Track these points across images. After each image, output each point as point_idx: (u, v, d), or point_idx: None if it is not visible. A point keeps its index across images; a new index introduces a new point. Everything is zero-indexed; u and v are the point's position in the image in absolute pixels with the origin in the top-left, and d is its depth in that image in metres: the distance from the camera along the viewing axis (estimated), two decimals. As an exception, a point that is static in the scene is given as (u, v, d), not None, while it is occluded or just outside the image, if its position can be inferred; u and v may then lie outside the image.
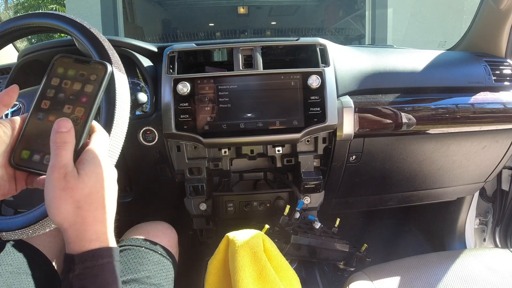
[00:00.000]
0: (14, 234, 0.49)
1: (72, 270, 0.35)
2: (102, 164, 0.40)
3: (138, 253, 0.68)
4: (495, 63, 0.91)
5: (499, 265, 0.73)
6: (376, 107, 0.81)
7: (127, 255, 0.67)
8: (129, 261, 0.66)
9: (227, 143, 0.79)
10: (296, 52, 0.88)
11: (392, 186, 1.00)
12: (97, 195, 0.39)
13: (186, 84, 0.74)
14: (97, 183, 0.39)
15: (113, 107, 0.51)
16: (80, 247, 0.37)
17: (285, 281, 0.65)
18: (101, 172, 0.39)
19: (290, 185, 0.89)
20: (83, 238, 0.37)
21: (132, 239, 0.72)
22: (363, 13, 2.50)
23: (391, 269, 0.73)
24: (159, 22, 2.58)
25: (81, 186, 0.37)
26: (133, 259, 0.66)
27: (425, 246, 1.33)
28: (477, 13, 0.99)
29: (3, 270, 0.63)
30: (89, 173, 0.38)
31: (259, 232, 0.67)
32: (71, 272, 0.35)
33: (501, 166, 1.00)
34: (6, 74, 0.89)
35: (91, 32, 0.55)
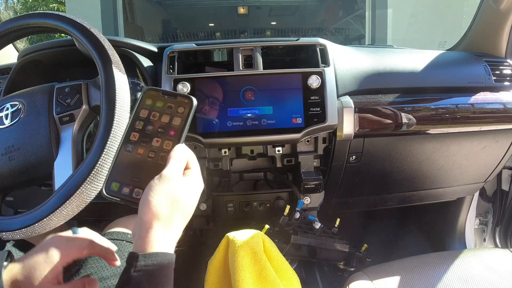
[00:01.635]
0: (14, 234, 0.49)
1: (134, 266, 0.37)
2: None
3: (118, 246, 0.68)
4: (495, 63, 0.91)
5: (499, 265, 0.73)
6: (376, 107, 0.81)
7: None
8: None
9: (227, 143, 0.79)
10: (296, 52, 0.88)
11: (392, 186, 1.00)
12: (183, 206, 0.42)
13: (186, 84, 0.74)
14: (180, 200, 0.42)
15: (113, 107, 0.51)
16: (147, 247, 0.39)
17: (285, 281, 0.65)
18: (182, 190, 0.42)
19: (290, 185, 0.89)
20: (154, 240, 0.39)
21: (112, 233, 0.72)
22: (363, 13, 2.49)
23: (391, 269, 0.73)
24: (159, 22, 2.58)
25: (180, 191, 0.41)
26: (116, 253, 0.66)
27: (425, 246, 1.32)
28: (477, 13, 0.99)
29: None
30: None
31: (259, 232, 0.67)
32: (133, 268, 0.37)
33: (501, 166, 1.00)
34: (6, 74, 0.89)
35: (91, 32, 0.55)
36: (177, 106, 0.45)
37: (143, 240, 0.39)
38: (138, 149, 0.44)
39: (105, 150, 0.49)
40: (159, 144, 0.44)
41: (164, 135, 0.44)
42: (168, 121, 0.45)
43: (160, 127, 0.44)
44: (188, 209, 0.43)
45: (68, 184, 0.48)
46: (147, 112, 0.45)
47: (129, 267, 0.37)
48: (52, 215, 0.47)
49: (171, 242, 0.41)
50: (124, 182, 0.43)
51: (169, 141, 0.44)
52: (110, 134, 0.50)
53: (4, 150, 0.56)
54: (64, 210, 0.47)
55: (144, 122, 0.45)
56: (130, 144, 0.44)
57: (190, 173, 0.44)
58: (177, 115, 0.45)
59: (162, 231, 0.40)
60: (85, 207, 0.51)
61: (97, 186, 0.49)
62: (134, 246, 0.40)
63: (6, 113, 0.59)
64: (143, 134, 0.44)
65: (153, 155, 0.44)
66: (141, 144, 0.44)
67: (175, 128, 0.44)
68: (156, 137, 0.44)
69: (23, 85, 0.69)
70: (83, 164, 0.49)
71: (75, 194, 0.47)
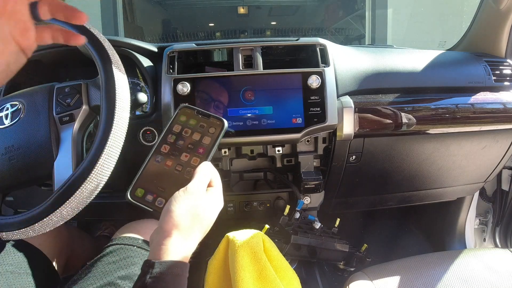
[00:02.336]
0: (14, 234, 0.49)
1: (150, 273, 0.38)
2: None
3: (128, 252, 0.68)
4: (495, 63, 0.91)
5: (499, 265, 0.73)
6: (376, 107, 0.81)
7: (119, 254, 0.67)
8: (121, 260, 0.66)
9: (227, 143, 0.79)
10: (296, 52, 0.88)
11: (392, 186, 1.00)
12: (203, 221, 0.44)
13: (186, 84, 0.74)
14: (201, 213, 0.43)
15: (113, 107, 0.51)
16: (164, 255, 0.39)
17: (285, 281, 0.65)
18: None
19: (290, 185, 0.89)
20: (171, 249, 0.40)
21: (124, 238, 0.72)
22: (363, 13, 2.49)
23: (391, 269, 0.73)
24: (159, 22, 2.58)
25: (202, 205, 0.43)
26: (124, 259, 0.66)
27: (425, 246, 1.32)
28: (477, 13, 0.99)
29: (4, 270, 0.63)
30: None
31: (259, 232, 0.67)
32: (148, 274, 0.38)
33: (501, 166, 1.00)
34: (6, 74, 0.89)
35: (91, 32, 0.55)
36: (209, 126, 0.48)
37: (161, 248, 0.40)
38: (167, 161, 0.46)
39: (105, 150, 0.49)
40: (187, 159, 0.46)
41: (193, 151, 0.47)
42: (199, 139, 0.48)
43: (190, 144, 0.47)
44: (206, 224, 0.45)
45: (68, 184, 0.48)
46: (180, 127, 0.48)
47: (145, 274, 0.38)
48: (52, 215, 0.47)
49: (187, 253, 0.42)
50: (149, 190, 0.45)
51: (197, 157, 0.47)
52: (110, 134, 0.50)
53: (4, 150, 0.56)
54: (64, 210, 0.48)
55: (176, 136, 0.48)
56: (160, 155, 0.47)
57: (213, 191, 0.46)
58: (207, 134, 0.48)
59: (180, 241, 0.41)
60: (85, 207, 0.51)
61: (97, 186, 0.49)
62: (150, 253, 0.41)
63: (6, 113, 0.59)
64: (174, 148, 0.47)
65: (180, 168, 0.46)
66: (170, 157, 0.46)
67: (204, 147, 0.47)
68: (185, 152, 0.47)
69: (23, 85, 0.69)
70: (83, 164, 0.49)
71: (75, 194, 0.47)
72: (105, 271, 0.63)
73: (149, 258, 0.40)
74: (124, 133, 0.53)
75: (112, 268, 0.64)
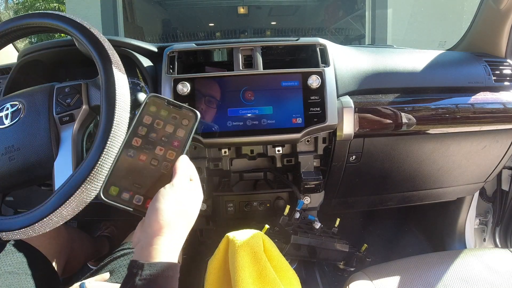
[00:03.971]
0: (14, 234, 0.49)
1: (139, 275, 0.37)
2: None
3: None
4: (495, 63, 0.91)
5: (499, 265, 0.73)
6: (376, 107, 0.81)
7: (130, 258, 0.67)
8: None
9: (227, 143, 0.79)
10: (296, 52, 0.88)
11: (392, 186, 1.00)
12: (188, 215, 0.43)
13: (186, 84, 0.74)
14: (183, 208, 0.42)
15: (113, 107, 0.51)
16: (153, 255, 0.38)
17: (285, 281, 0.65)
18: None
19: (290, 185, 0.88)
20: (161, 249, 0.39)
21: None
22: (363, 13, 2.49)
23: (391, 269, 0.73)
24: (159, 22, 2.58)
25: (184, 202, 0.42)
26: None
27: (425, 246, 1.33)
28: (477, 13, 0.99)
29: (3, 271, 0.63)
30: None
31: (259, 232, 0.67)
32: (137, 276, 0.37)
33: (501, 166, 1.00)
34: (6, 74, 0.89)
35: (91, 32, 0.55)
36: (182, 118, 0.46)
37: (152, 248, 0.39)
38: (140, 155, 0.44)
39: (105, 150, 0.49)
40: (162, 152, 0.44)
41: (168, 144, 0.44)
42: (172, 132, 0.45)
43: (164, 136, 0.45)
44: (192, 219, 0.44)
45: (68, 184, 0.48)
46: (150, 119, 0.46)
47: (134, 276, 0.37)
48: (52, 215, 0.47)
49: (176, 251, 0.41)
50: (124, 187, 0.42)
51: (173, 151, 0.44)
52: (110, 134, 0.50)
53: (4, 150, 0.56)
54: (64, 210, 0.47)
55: (148, 128, 0.45)
56: (132, 149, 0.44)
57: (194, 184, 0.45)
58: (181, 127, 0.45)
59: (169, 240, 0.40)
60: (85, 207, 0.51)
61: (97, 186, 0.49)
62: (137, 253, 0.40)
63: (6, 113, 0.59)
64: (146, 141, 0.44)
65: (155, 163, 0.44)
66: (144, 151, 0.44)
67: (179, 139, 0.45)
68: (159, 146, 0.44)
69: (23, 85, 0.69)
70: (83, 164, 0.49)
71: (75, 194, 0.47)
72: (118, 273, 0.63)
73: (136, 258, 0.39)
74: (124, 133, 0.53)
75: (125, 271, 0.64)
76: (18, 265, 0.65)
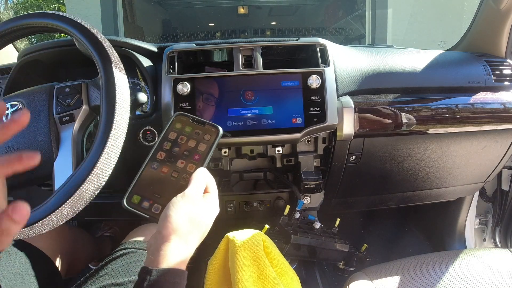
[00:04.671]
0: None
1: (147, 281, 0.38)
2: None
3: (140, 256, 0.68)
4: (495, 63, 0.91)
5: (499, 265, 0.73)
6: (376, 107, 0.81)
7: (129, 258, 0.67)
8: (131, 263, 0.66)
9: (227, 143, 0.79)
10: (296, 52, 0.88)
11: (392, 186, 1.00)
12: (200, 226, 0.44)
13: (186, 84, 0.74)
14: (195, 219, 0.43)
15: (113, 107, 0.51)
16: (162, 261, 0.39)
17: (285, 281, 0.65)
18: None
19: (290, 185, 0.88)
20: (168, 255, 0.40)
21: (134, 242, 0.72)
22: (363, 13, 2.50)
23: (391, 269, 0.73)
24: (159, 22, 2.58)
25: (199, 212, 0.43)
26: (135, 262, 0.66)
27: (425, 246, 1.33)
28: (477, 13, 0.99)
29: (7, 272, 0.63)
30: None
31: (259, 232, 0.67)
32: (146, 282, 0.38)
33: (501, 166, 1.00)
34: (6, 74, 0.89)
35: (91, 32, 0.55)
36: (204, 133, 0.49)
37: (159, 253, 0.39)
38: (163, 167, 0.47)
39: (105, 150, 0.49)
40: (183, 165, 0.47)
41: (189, 158, 0.47)
42: (194, 146, 0.48)
43: (186, 150, 0.48)
44: (203, 230, 0.45)
45: (68, 184, 0.48)
46: (175, 134, 0.49)
47: (142, 281, 0.38)
48: (52, 215, 0.47)
49: (185, 259, 0.42)
50: (145, 197, 0.45)
51: (193, 164, 0.47)
52: (110, 134, 0.50)
53: (4, 150, 0.56)
54: (64, 210, 0.47)
55: (172, 143, 0.48)
56: (156, 162, 0.47)
57: (209, 196, 0.46)
58: (203, 141, 0.48)
59: (178, 247, 0.41)
60: (85, 207, 0.51)
61: (97, 186, 0.49)
62: (148, 259, 0.41)
63: (6, 113, 0.59)
64: (169, 155, 0.47)
65: (176, 175, 0.46)
66: (166, 164, 0.47)
67: (200, 153, 0.48)
68: (181, 159, 0.47)
69: (23, 85, 0.69)
70: (83, 164, 0.49)
71: (75, 194, 0.47)
72: (118, 273, 0.63)
73: (146, 264, 0.40)
74: (124, 133, 0.53)
75: (124, 271, 0.64)
76: (22, 266, 0.65)
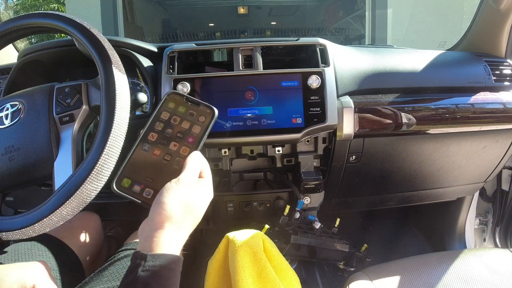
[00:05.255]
0: (14, 234, 0.49)
1: (142, 266, 0.37)
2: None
3: None
4: (495, 63, 0.91)
5: (499, 265, 0.73)
6: (376, 107, 0.81)
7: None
8: None
9: (227, 143, 0.79)
10: (296, 52, 0.88)
11: (392, 186, 1.00)
12: (194, 212, 0.43)
13: (186, 84, 0.74)
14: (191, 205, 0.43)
15: (113, 107, 0.51)
16: (156, 248, 0.38)
17: (285, 281, 0.65)
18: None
19: (290, 185, 0.88)
20: (162, 242, 0.39)
21: (136, 243, 0.72)
22: (363, 13, 2.50)
23: (391, 269, 0.73)
24: (159, 22, 2.58)
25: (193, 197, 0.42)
26: None
27: (425, 246, 1.32)
28: (477, 13, 0.99)
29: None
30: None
31: (259, 232, 0.67)
32: (140, 267, 0.37)
33: (501, 166, 1.00)
34: (6, 74, 0.89)
35: (91, 32, 0.55)
36: (199, 115, 0.46)
37: (152, 240, 0.39)
38: (155, 149, 0.44)
39: (105, 150, 0.49)
40: (176, 148, 0.44)
41: (182, 140, 0.45)
42: (188, 128, 0.46)
43: (179, 132, 0.45)
44: (197, 216, 0.44)
45: (68, 184, 0.48)
46: (168, 115, 0.46)
47: (136, 267, 0.37)
48: (52, 215, 0.47)
49: (179, 245, 0.41)
50: (136, 180, 0.43)
51: (187, 147, 0.45)
52: (110, 134, 0.50)
53: (4, 150, 0.56)
54: (64, 210, 0.47)
55: (164, 124, 0.46)
56: (147, 144, 0.44)
57: (204, 182, 0.45)
58: (197, 123, 0.46)
59: (172, 233, 0.40)
60: (85, 207, 0.51)
61: (97, 186, 0.49)
62: (140, 245, 0.40)
63: (6, 113, 0.59)
64: (162, 136, 0.45)
65: (169, 158, 0.44)
66: (158, 146, 0.44)
67: (194, 136, 0.45)
68: (174, 141, 0.45)
69: (23, 85, 0.69)
70: (83, 164, 0.49)
71: (75, 194, 0.47)
72: (122, 274, 0.63)
73: (139, 249, 0.39)
74: (124, 133, 0.53)
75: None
76: (46, 259, 0.65)
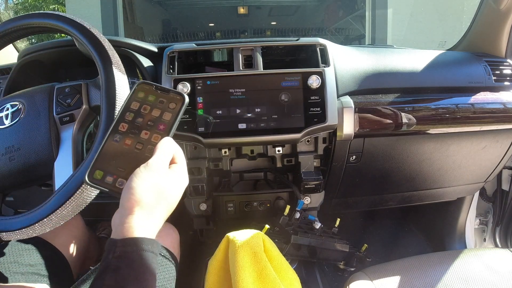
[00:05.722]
0: (14, 234, 0.49)
1: (113, 252, 0.37)
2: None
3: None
4: (495, 63, 0.91)
5: (499, 265, 0.73)
6: (376, 107, 0.81)
7: None
8: None
9: (227, 143, 0.79)
10: (296, 52, 0.88)
11: (392, 186, 1.00)
12: (167, 197, 0.42)
13: (186, 84, 0.74)
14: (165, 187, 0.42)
15: (113, 107, 0.51)
16: (127, 233, 0.38)
17: (285, 281, 0.65)
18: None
19: (290, 185, 0.89)
20: (133, 227, 0.38)
21: None
22: (363, 13, 2.49)
23: (391, 269, 0.73)
24: (159, 22, 2.58)
25: (166, 179, 0.42)
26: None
27: (425, 246, 1.32)
28: (477, 13, 0.99)
29: (20, 266, 0.63)
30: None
31: (259, 232, 0.67)
32: (111, 253, 0.37)
33: (501, 166, 1.00)
34: (6, 74, 0.89)
35: (91, 33, 0.55)
36: (169, 102, 0.46)
37: (123, 226, 0.38)
38: (126, 139, 0.44)
39: (105, 150, 0.49)
40: (147, 136, 0.44)
41: (153, 128, 0.44)
42: (159, 115, 0.45)
43: (150, 121, 0.45)
44: (171, 202, 0.43)
45: (68, 184, 0.48)
46: (138, 104, 0.46)
47: (108, 253, 0.37)
48: (52, 215, 0.47)
49: (153, 230, 0.40)
50: (108, 171, 0.43)
51: (158, 134, 0.44)
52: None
53: (4, 150, 0.56)
54: (64, 210, 0.47)
55: (135, 114, 0.45)
56: (118, 134, 0.44)
57: (176, 167, 0.44)
58: (168, 110, 0.45)
59: (143, 218, 0.39)
60: (85, 207, 0.51)
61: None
62: (113, 232, 0.39)
63: (6, 113, 0.59)
64: (132, 126, 0.45)
65: (140, 147, 0.44)
66: (129, 135, 0.44)
67: (165, 123, 0.45)
68: (145, 130, 0.44)
69: (23, 85, 0.69)
70: (83, 164, 0.49)
71: (75, 194, 0.47)
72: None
73: (112, 237, 0.38)
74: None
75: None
76: (35, 262, 0.65)
